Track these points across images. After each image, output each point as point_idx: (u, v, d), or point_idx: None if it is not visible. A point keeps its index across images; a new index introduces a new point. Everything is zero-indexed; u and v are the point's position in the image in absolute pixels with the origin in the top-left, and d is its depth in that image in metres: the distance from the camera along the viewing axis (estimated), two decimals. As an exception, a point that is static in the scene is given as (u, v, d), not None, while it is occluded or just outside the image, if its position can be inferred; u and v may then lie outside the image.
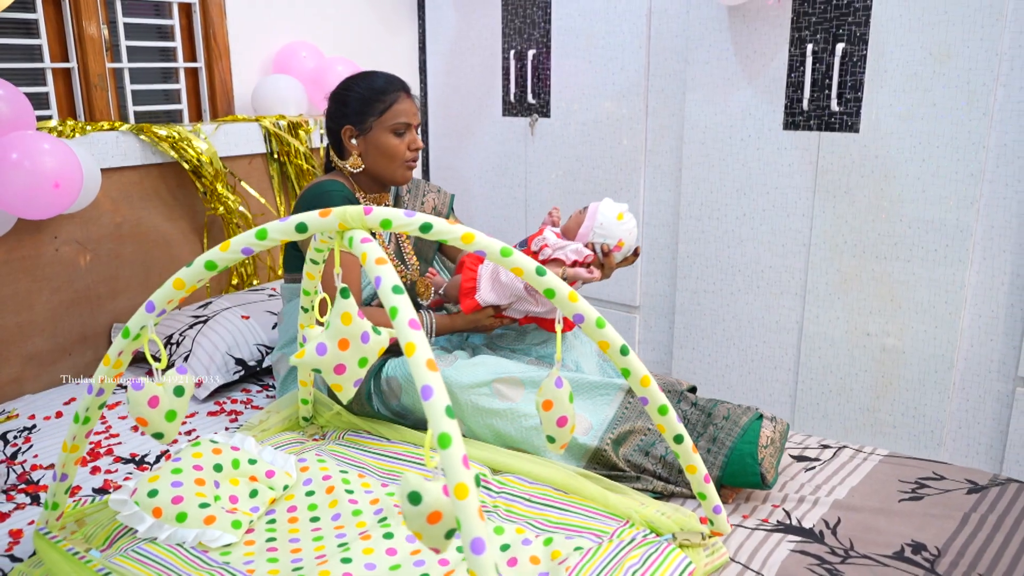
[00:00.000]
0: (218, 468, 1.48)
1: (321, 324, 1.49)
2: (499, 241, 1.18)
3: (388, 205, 1.97)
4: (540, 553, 1.32)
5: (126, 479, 1.64)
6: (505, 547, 1.34)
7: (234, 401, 2.01)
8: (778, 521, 1.47)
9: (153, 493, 1.38)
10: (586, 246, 1.81)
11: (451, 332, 1.84)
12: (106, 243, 2.18)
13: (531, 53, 2.97)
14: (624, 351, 1.23)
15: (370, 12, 3.04)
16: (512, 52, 3.01)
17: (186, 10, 2.58)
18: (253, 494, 1.48)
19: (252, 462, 1.52)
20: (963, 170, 2.22)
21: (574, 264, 1.76)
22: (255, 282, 2.53)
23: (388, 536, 1.35)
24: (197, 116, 2.65)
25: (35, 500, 1.57)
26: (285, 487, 1.51)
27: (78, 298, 2.14)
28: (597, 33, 2.81)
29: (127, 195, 2.21)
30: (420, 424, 1.75)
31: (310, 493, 1.51)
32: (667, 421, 1.28)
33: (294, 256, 1.91)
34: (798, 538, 1.41)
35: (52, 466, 1.69)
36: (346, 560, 1.29)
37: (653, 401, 1.26)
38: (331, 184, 1.82)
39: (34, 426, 1.87)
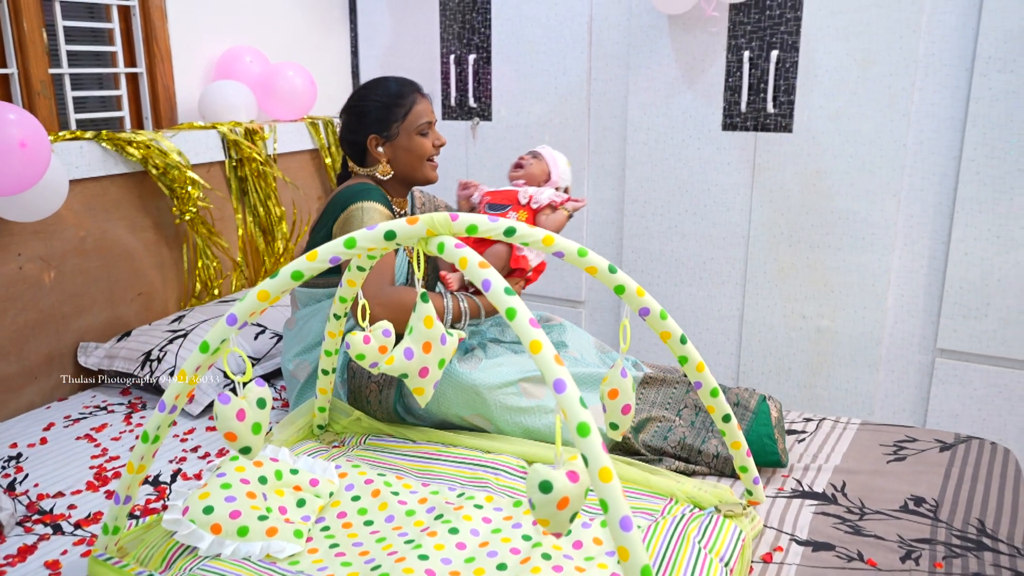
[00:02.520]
0: (263, 480, 1.47)
1: (363, 329, 1.51)
2: (575, 243, 1.26)
3: (406, 212, 1.99)
4: (601, 534, 1.41)
5: (148, 501, 1.59)
6: (567, 531, 1.41)
7: (229, 415, 1.97)
8: (792, 489, 1.62)
9: (209, 510, 1.36)
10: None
11: (487, 315, 1.85)
12: (70, 258, 2.07)
13: (471, 58, 3.03)
14: (683, 340, 1.34)
15: (304, 15, 3.00)
16: (452, 57, 3.06)
17: (124, 13, 2.48)
18: (301, 503, 1.48)
19: (294, 472, 1.52)
20: (886, 166, 2.47)
21: (564, 203, 1.93)
22: (217, 291, 2.46)
23: (453, 531, 1.40)
24: (138, 123, 2.54)
25: (57, 530, 1.50)
26: (331, 494, 1.52)
27: (43, 318, 2.03)
28: (538, 39, 2.91)
29: (90, 207, 2.11)
30: (442, 425, 1.79)
31: (356, 498, 1.52)
32: (717, 403, 1.39)
33: None
34: (815, 502, 1.57)
35: (60, 494, 1.61)
36: (423, 557, 1.32)
37: (706, 385, 1.38)
38: (363, 185, 1.83)
39: (20, 454, 1.77)
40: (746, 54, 2.57)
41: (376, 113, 1.85)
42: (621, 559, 0.97)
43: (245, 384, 1.26)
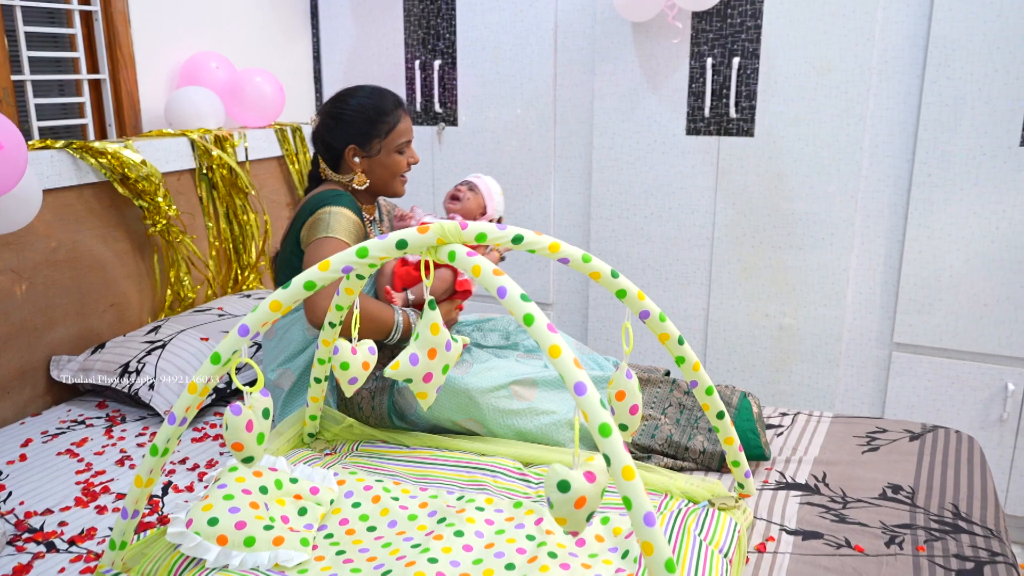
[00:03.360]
0: (264, 490, 1.47)
1: (349, 340, 1.52)
2: (580, 249, 1.29)
3: (375, 218, 2.00)
4: (602, 531, 1.44)
5: (145, 515, 1.57)
6: (583, 530, 1.45)
7: (213, 426, 1.95)
8: (776, 481, 1.69)
9: (213, 521, 1.36)
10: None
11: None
12: (42, 270, 2.03)
13: (437, 64, 3.04)
14: (680, 341, 1.38)
15: (265, 21, 2.97)
16: (417, 62, 3.07)
17: (86, 19, 2.43)
18: (302, 512, 1.48)
19: (294, 481, 1.52)
20: (844, 168, 2.57)
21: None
22: (183, 305, 2.42)
23: (459, 534, 1.42)
24: (101, 131, 2.50)
25: (51, 547, 1.47)
26: (331, 501, 1.52)
27: (14, 332, 1.98)
28: (504, 45, 2.94)
29: (61, 217, 2.07)
30: (433, 430, 1.80)
31: (356, 505, 1.53)
32: (712, 400, 1.45)
33: (290, 271, 1.89)
34: (800, 492, 1.63)
35: (49, 511, 1.58)
36: (432, 560, 1.34)
37: (702, 383, 1.43)
38: (334, 191, 1.85)
39: (0, 472, 1.72)
40: (709, 61, 2.65)
41: (360, 126, 1.86)
42: (645, 553, 1.00)
43: (251, 394, 1.26)
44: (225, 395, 2.06)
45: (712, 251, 2.81)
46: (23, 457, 1.78)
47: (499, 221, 2.08)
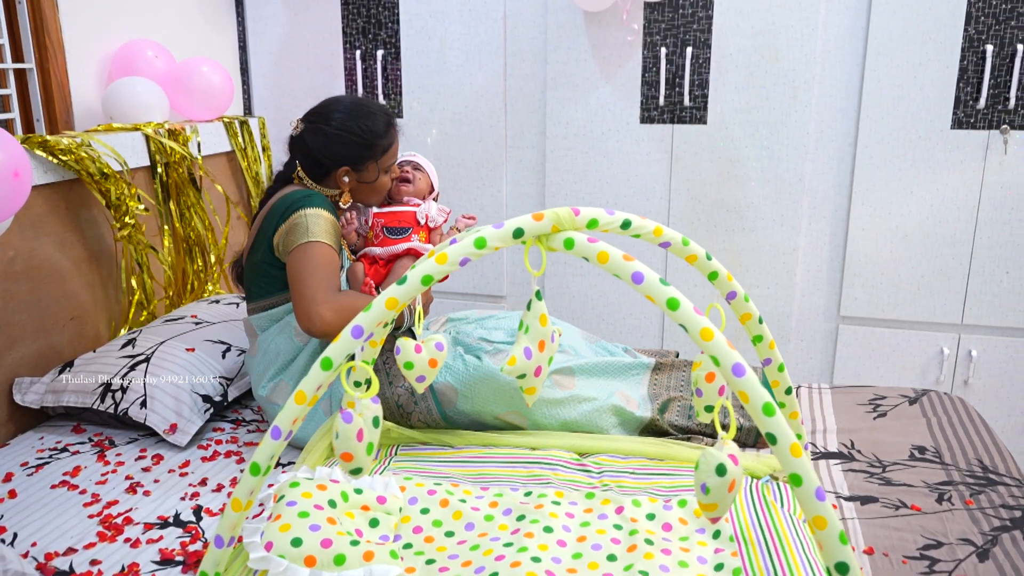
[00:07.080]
0: (332, 504, 1.37)
1: (414, 335, 1.45)
2: (678, 232, 1.28)
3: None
4: (683, 514, 1.45)
5: (184, 544, 1.43)
6: (651, 516, 1.44)
7: (219, 443, 1.80)
8: (812, 452, 1.75)
9: (297, 542, 1.25)
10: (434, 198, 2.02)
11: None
12: None
13: (379, 54, 2.94)
14: (760, 320, 1.41)
15: (190, 7, 2.76)
16: (357, 52, 2.95)
17: (8, 2, 2.17)
18: (374, 523, 1.39)
19: (358, 492, 1.43)
20: (792, 153, 2.70)
21: (457, 221, 1.95)
22: (146, 313, 2.22)
23: (548, 530, 1.38)
24: (28, 126, 2.24)
25: (92, 590, 1.31)
26: (400, 509, 1.44)
27: (-27, 354, 1.75)
28: (451, 34, 2.88)
29: (18, 222, 1.83)
30: (476, 426, 1.74)
31: (425, 511, 1.46)
32: (782, 377, 1.48)
33: (265, 280, 1.77)
34: (837, 461, 1.71)
35: (71, 550, 1.40)
36: (535, 559, 1.30)
37: (775, 361, 1.46)
38: (305, 191, 1.78)
39: (-10, 512, 1.51)
40: (662, 50, 2.70)
41: (356, 150, 1.79)
42: (818, 527, 1.01)
43: (361, 400, 1.17)
44: (222, 408, 1.90)
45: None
46: (12, 493, 1.57)
47: (436, 196, 2.05)
